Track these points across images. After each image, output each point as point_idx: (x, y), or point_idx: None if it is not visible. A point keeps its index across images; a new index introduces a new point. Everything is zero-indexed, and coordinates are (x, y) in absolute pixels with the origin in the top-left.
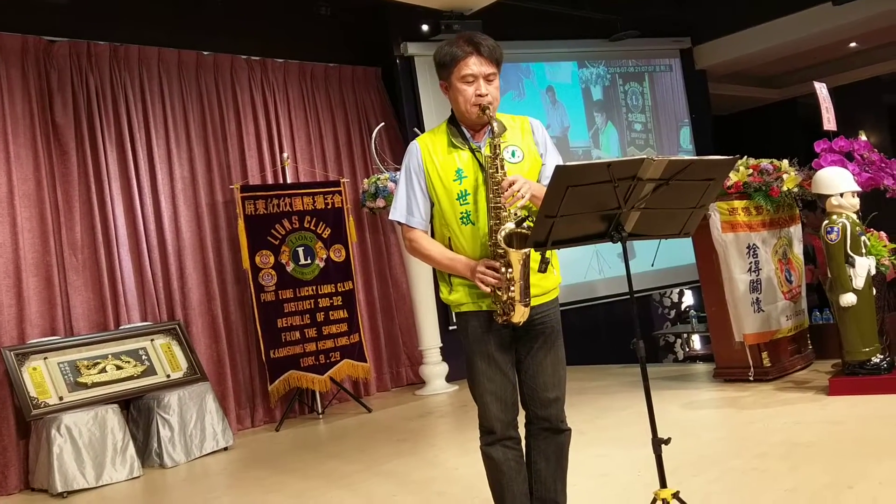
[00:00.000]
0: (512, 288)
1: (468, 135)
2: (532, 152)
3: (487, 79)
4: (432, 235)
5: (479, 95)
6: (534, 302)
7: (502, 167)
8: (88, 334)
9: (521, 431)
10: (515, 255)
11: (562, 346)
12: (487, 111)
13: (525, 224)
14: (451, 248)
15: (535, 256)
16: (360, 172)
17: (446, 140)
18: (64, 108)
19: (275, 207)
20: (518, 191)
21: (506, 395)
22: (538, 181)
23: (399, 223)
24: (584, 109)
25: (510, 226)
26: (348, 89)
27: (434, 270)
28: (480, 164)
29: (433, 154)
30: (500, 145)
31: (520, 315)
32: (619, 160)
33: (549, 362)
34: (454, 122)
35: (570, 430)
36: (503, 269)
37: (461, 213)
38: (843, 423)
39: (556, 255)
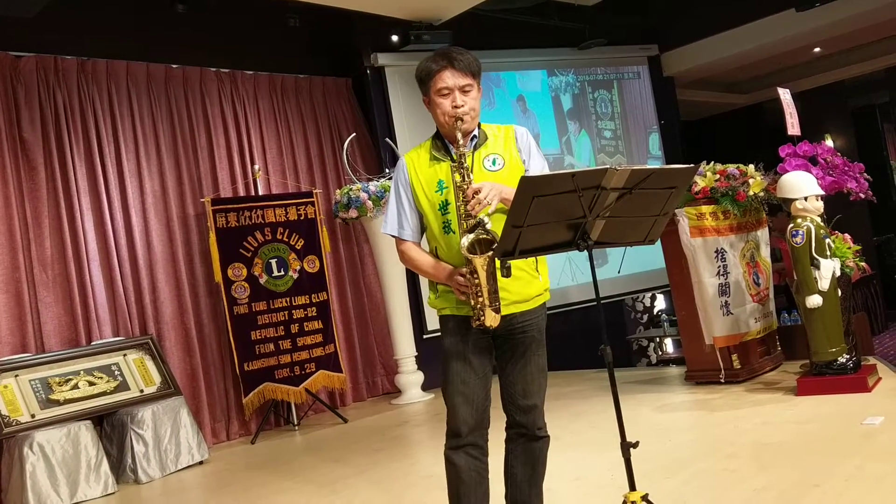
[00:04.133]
0: (480, 294)
1: (450, 147)
2: (514, 159)
3: (463, 90)
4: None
5: (455, 107)
6: (516, 309)
7: (468, 175)
8: (60, 351)
9: (492, 445)
10: (478, 261)
11: (544, 355)
12: (459, 121)
13: (481, 228)
14: (437, 258)
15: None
16: (333, 183)
17: (429, 154)
18: (32, 123)
19: (247, 220)
20: (484, 198)
21: (476, 399)
22: None
23: (392, 236)
24: (555, 117)
25: (470, 235)
26: (319, 100)
27: (413, 277)
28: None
29: (417, 168)
30: (465, 154)
31: (491, 319)
32: (582, 170)
33: (529, 370)
34: (438, 136)
35: (547, 437)
36: (469, 276)
37: (443, 222)
38: (810, 422)
39: (545, 261)
